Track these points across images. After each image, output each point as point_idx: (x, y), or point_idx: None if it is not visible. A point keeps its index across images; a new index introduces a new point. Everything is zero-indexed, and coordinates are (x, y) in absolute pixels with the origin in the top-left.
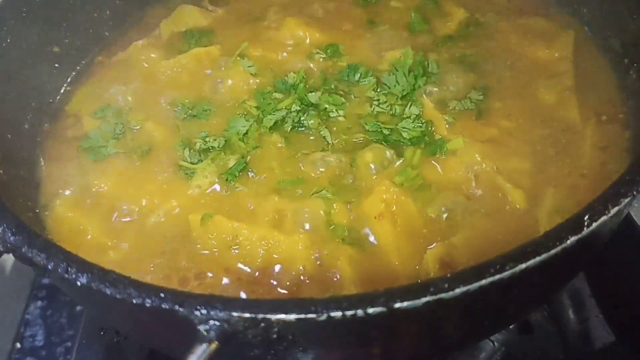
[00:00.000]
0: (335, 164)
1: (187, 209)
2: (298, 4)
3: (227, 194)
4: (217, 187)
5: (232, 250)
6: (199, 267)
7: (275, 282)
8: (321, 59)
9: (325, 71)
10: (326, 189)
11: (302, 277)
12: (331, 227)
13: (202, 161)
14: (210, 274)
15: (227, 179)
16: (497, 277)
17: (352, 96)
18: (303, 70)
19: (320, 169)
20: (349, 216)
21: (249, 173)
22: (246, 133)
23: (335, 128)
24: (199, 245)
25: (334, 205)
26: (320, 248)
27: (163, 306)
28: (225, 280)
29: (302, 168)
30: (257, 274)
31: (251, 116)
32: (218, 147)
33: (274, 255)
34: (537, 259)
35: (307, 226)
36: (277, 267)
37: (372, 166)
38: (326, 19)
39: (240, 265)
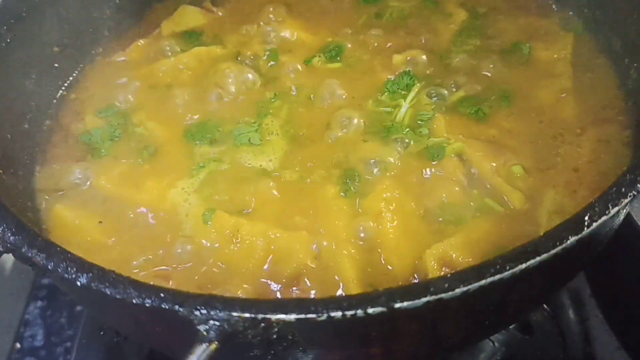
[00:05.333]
0: (337, 161)
1: (189, 205)
2: (298, 5)
3: (229, 190)
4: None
5: (232, 246)
6: (200, 263)
7: (274, 278)
8: (320, 62)
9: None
10: (329, 185)
11: (301, 274)
12: (332, 225)
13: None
14: (210, 270)
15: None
16: (497, 277)
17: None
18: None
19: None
20: (350, 214)
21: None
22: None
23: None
24: (199, 241)
25: (336, 203)
26: (320, 245)
27: (163, 306)
28: (225, 276)
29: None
30: (256, 269)
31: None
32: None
33: (274, 251)
34: (537, 259)
35: (308, 223)
36: (277, 263)
37: (372, 163)
38: (326, 20)
39: (240, 261)
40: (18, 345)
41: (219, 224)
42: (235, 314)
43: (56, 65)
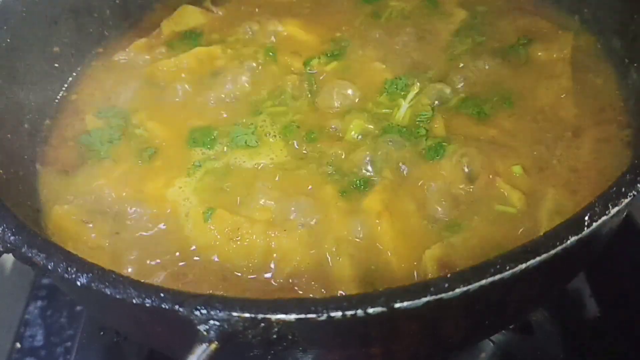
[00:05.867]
0: (337, 161)
1: (188, 205)
2: (298, 6)
3: (228, 191)
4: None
5: (232, 244)
6: (199, 261)
7: (273, 277)
8: (319, 62)
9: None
10: (328, 185)
11: (300, 273)
12: (331, 224)
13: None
14: (209, 269)
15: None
16: (497, 277)
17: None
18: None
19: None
20: (349, 214)
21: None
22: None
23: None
24: (199, 240)
25: (335, 202)
26: (319, 244)
27: (163, 306)
28: (224, 274)
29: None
30: (255, 267)
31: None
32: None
33: (274, 250)
34: (537, 259)
35: (307, 222)
36: (276, 262)
37: (372, 163)
38: (326, 20)
39: (239, 259)
40: (18, 345)
41: (218, 222)
42: (235, 314)
43: (56, 65)
